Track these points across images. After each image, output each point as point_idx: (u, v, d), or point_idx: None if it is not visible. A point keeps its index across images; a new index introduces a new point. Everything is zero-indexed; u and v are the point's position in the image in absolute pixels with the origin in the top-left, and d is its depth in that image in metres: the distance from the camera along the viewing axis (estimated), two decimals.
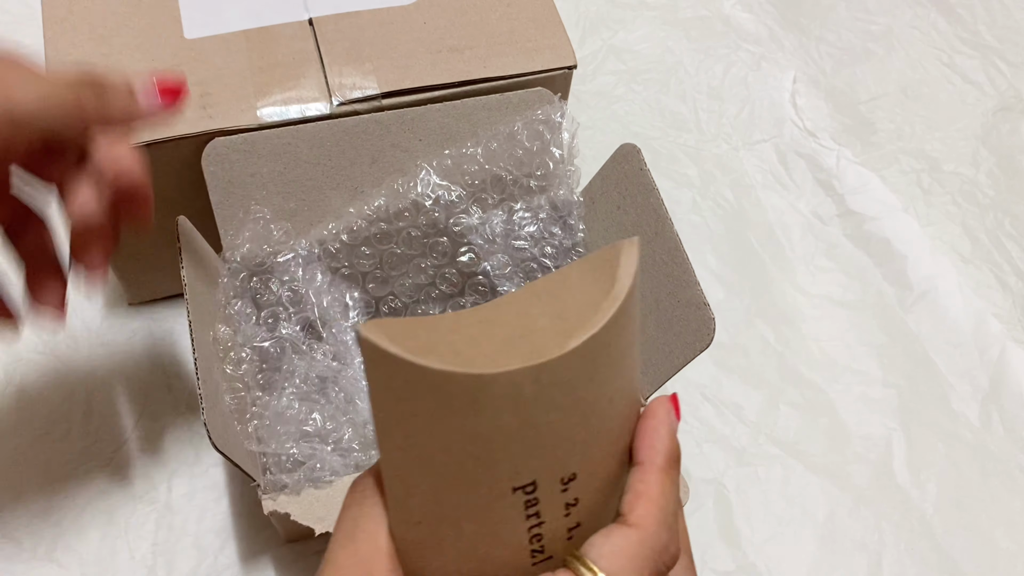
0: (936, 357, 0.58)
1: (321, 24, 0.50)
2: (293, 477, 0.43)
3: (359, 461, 0.45)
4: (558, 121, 0.51)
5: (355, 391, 0.46)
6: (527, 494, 0.25)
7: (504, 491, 0.25)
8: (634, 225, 0.49)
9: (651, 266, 0.47)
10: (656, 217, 0.47)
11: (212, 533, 0.49)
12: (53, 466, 0.50)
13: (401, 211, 0.50)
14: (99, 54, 0.47)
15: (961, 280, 0.62)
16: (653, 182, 0.47)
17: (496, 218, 0.51)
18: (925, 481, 0.54)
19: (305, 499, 0.43)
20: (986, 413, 0.56)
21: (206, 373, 0.40)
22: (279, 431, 0.44)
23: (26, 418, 0.51)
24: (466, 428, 0.24)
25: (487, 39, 0.51)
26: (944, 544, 0.52)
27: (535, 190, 0.52)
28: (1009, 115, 0.71)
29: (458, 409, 0.23)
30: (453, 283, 0.51)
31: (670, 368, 0.45)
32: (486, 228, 0.51)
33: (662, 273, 0.46)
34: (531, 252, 0.51)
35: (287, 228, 0.48)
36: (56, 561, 0.47)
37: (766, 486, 0.53)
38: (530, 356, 0.23)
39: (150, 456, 0.51)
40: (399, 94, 0.49)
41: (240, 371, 0.45)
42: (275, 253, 0.48)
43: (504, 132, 0.50)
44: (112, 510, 0.49)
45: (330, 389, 0.47)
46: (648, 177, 0.48)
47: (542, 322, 0.25)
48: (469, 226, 0.50)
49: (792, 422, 0.56)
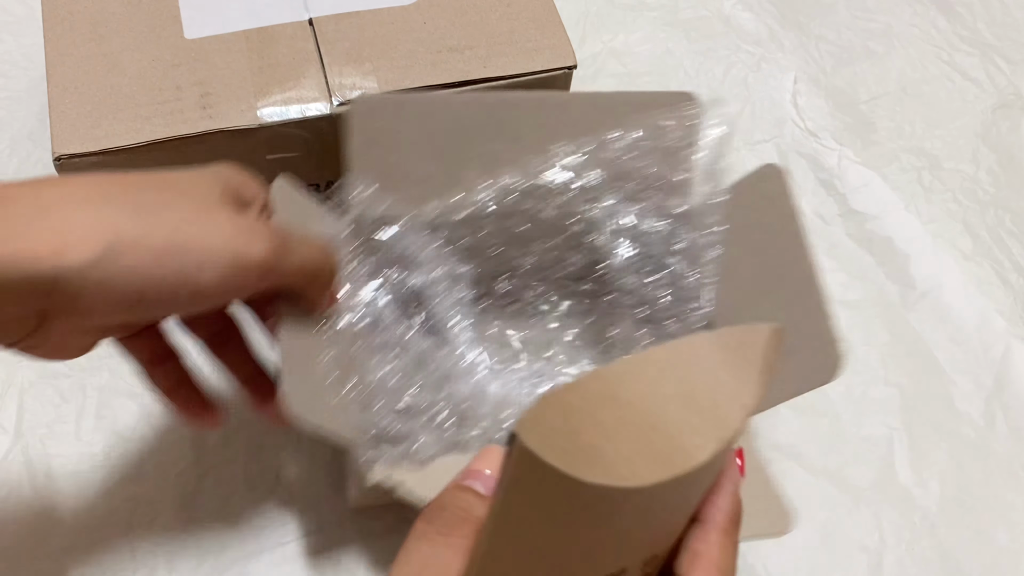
0: (939, 355, 0.58)
1: (321, 24, 0.50)
2: (391, 450, 0.43)
3: (454, 438, 0.45)
4: (702, 123, 0.50)
5: (452, 369, 0.46)
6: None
7: None
8: (766, 245, 0.47)
9: (779, 288, 0.46)
10: (793, 243, 0.45)
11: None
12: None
13: (532, 191, 0.49)
14: (99, 54, 0.47)
15: (963, 278, 0.61)
16: (795, 209, 0.46)
17: (628, 211, 0.50)
18: (927, 480, 0.54)
19: (399, 474, 0.43)
20: (990, 411, 0.56)
21: (290, 341, 0.40)
22: (378, 403, 0.44)
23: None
24: (592, 532, 0.23)
25: (487, 39, 0.51)
26: (946, 544, 0.52)
27: (673, 189, 0.51)
28: (1009, 112, 0.71)
29: (594, 516, 0.23)
30: (574, 270, 0.51)
31: (780, 395, 0.41)
32: (616, 220, 0.50)
33: (791, 300, 0.45)
34: (659, 250, 0.50)
35: (413, 192, 0.48)
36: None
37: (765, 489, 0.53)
38: (669, 459, 0.22)
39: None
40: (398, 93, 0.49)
41: (345, 335, 0.44)
42: (396, 217, 0.48)
43: (650, 126, 0.49)
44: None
45: (429, 363, 0.46)
46: (790, 203, 0.46)
47: (673, 409, 0.24)
48: (599, 216, 0.50)
49: (793, 422, 0.55)
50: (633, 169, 0.50)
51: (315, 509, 0.50)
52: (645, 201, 0.50)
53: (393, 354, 0.46)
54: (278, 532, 0.49)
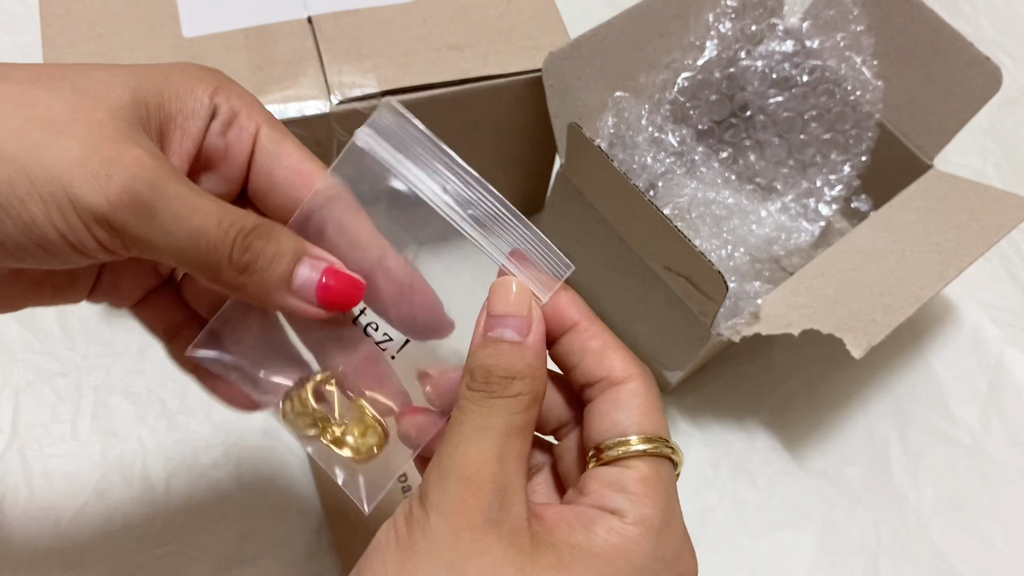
0: (934, 361, 0.58)
1: (320, 22, 0.49)
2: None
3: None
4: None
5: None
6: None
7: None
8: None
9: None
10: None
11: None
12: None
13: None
14: (97, 53, 0.47)
15: (961, 282, 0.61)
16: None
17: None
18: (923, 484, 0.54)
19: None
20: (985, 417, 0.56)
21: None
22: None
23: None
24: None
25: (487, 37, 0.50)
26: (941, 547, 0.52)
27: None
28: (1014, 109, 0.71)
29: None
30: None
31: (961, 119, 0.53)
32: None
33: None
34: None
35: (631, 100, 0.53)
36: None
37: (764, 489, 0.53)
38: None
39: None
40: (399, 92, 0.48)
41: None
42: (639, 130, 0.53)
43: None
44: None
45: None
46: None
47: None
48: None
49: (792, 424, 0.55)
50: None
51: (316, 509, 0.50)
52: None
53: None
54: (279, 530, 0.49)
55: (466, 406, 0.28)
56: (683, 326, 0.47)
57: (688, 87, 0.56)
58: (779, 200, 0.59)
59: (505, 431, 0.27)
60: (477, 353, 0.28)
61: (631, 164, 0.53)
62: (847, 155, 0.58)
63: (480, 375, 0.28)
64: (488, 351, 0.28)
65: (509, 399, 0.28)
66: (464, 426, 0.27)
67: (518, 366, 0.28)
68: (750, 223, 0.56)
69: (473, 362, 0.28)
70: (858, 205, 0.59)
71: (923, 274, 0.47)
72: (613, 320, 0.56)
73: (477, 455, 0.27)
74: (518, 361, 0.28)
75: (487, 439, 0.27)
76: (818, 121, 0.58)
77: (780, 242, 0.56)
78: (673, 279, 0.45)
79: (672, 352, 0.50)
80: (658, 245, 0.45)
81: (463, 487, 0.26)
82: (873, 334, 0.43)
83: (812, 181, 0.59)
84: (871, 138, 0.57)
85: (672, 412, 0.55)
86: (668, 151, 0.54)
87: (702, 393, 0.56)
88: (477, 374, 0.28)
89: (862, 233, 0.51)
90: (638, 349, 0.55)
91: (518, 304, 0.28)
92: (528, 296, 0.29)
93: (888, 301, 0.45)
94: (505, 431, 0.27)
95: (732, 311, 0.47)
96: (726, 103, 0.59)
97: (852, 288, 0.47)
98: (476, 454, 0.27)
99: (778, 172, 0.60)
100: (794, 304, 0.46)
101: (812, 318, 0.44)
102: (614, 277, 0.52)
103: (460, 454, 0.27)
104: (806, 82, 0.57)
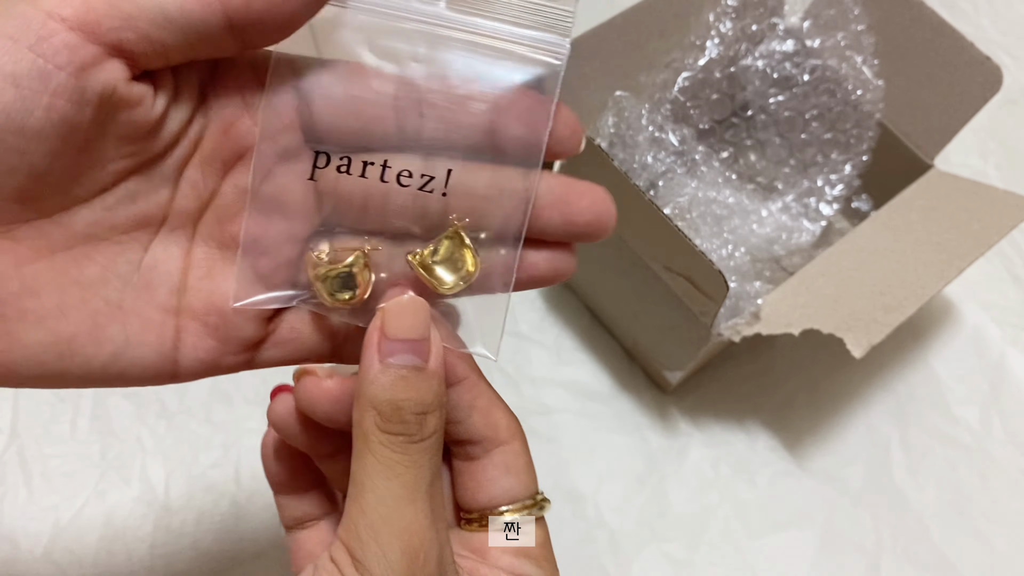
0: (935, 361, 0.58)
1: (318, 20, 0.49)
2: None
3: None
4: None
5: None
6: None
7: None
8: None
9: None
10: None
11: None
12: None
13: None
14: None
15: (961, 282, 0.61)
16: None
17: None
18: (924, 484, 0.54)
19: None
20: (986, 417, 0.56)
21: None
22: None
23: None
24: None
25: None
26: (942, 547, 0.52)
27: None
28: (1014, 108, 0.71)
29: None
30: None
31: (961, 119, 0.53)
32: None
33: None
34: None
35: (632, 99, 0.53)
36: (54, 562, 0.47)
37: (765, 489, 0.53)
38: None
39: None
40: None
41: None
42: (640, 129, 0.53)
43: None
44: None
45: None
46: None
47: None
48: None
49: (791, 424, 0.55)
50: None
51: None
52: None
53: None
54: (279, 531, 0.49)
55: (385, 455, 0.25)
56: (683, 326, 0.47)
57: (689, 86, 0.56)
58: (780, 200, 0.59)
59: (429, 485, 0.25)
60: (378, 382, 0.25)
61: (631, 163, 0.53)
62: (848, 155, 0.58)
63: (390, 412, 0.25)
64: (391, 381, 0.25)
65: (428, 442, 0.25)
66: (392, 483, 0.25)
67: (427, 397, 0.25)
68: (751, 223, 0.56)
69: (377, 394, 0.25)
70: (859, 205, 0.59)
71: (924, 274, 0.47)
72: (613, 320, 0.56)
73: (414, 519, 0.25)
74: (427, 392, 0.25)
75: (420, 499, 0.25)
76: (819, 121, 0.58)
77: (781, 242, 0.56)
78: (673, 279, 0.45)
79: (672, 352, 0.50)
80: (658, 245, 0.45)
81: (409, 560, 0.24)
82: (874, 334, 0.43)
83: (813, 181, 0.58)
84: (872, 138, 0.57)
85: (672, 412, 0.55)
86: (669, 150, 0.54)
87: (702, 393, 0.56)
88: (386, 411, 0.25)
89: (863, 233, 0.50)
90: (638, 349, 0.55)
91: (417, 325, 0.26)
92: (427, 316, 0.26)
93: (889, 301, 0.45)
94: (429, 485, 0.25)
95: (732, 311, 0.47)
96: (727, 102, 0.59)
97: (853, 288, 0.46)
98: (413, 518, 0.25)
99: (779, 172, 0.60)
100: (795, 304, 0.46)
101: (813, 318, 0.44)
102: (614, 277, 0.52)
103: (397, 518, 0.24)
104: (807, 81, 0.57)
